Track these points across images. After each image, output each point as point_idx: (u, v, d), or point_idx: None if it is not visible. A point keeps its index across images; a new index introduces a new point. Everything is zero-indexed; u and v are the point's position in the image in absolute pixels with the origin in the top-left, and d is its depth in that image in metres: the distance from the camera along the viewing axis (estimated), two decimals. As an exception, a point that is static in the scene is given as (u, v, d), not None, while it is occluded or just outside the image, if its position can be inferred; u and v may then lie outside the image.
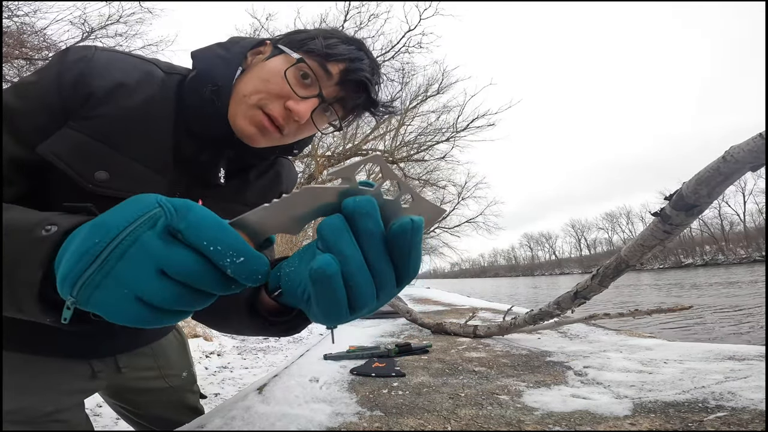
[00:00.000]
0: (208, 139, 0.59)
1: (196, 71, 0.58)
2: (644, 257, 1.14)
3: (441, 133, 14.37)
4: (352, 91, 0.59)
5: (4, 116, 0.50)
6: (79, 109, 0.52)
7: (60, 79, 0.52)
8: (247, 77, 0.58)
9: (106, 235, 0.27)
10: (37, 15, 7.04)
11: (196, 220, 0.28)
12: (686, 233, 58.88)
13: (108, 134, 0.53)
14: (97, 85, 0.53)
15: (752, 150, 0.80)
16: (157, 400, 0.90)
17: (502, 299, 11.97)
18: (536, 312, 1.53)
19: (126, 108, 0.54)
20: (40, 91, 0.52)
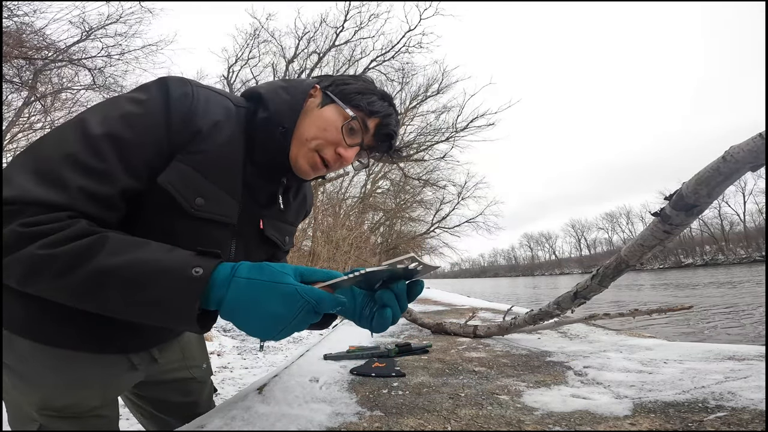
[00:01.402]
0: (269, 168, 0.72)
1: (269, 114, 0.69)
2: (644, 257, 1.14)
3: (441, 133, 14.37)
4: (381, 141, 0.76)
5: (121, 148, 0.56)
6: (187, 144, 0.61)
7: (169, 115, 0.60)
8: (306, 122, 0.71)
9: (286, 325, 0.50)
10: (36, 15, 7.03)
11: (327, 304, 0.51)
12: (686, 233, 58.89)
13: (205, 166, 0.63)
14: (202, 124, 0.62)
15: (752, 150, 0.80)
16: (180, 391, 0.96)
17: (502, 299, 11.96)
18: (536, 312, 1.53)
19: (219, 144, 0.64)
20: (149, 125, 0.59)
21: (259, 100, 0.71)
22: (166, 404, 0.95)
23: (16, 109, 7.87)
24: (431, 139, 14.58)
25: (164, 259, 0.49)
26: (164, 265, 0.49)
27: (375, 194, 18.26)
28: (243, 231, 0.72)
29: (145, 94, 0.60)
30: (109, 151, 0.55)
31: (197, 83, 0.66)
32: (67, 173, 0.52)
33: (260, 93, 0.71)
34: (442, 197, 20.01)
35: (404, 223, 21.33)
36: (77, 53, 8.03)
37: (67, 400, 0.69)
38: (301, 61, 12.50)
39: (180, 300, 0.48)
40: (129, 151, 0.56)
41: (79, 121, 0.56)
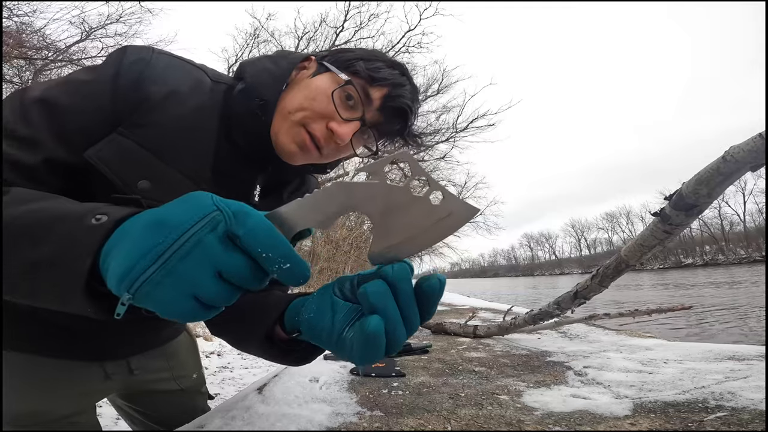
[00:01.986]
0: (248, 153, 0.59)
1: (246, 84, 0.57)
2: (644, 257, 1.14)
3: (441, 133, 14.37)
4: (392, 117, 0.59)
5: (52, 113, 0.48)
6: (131, 114, 0.51)
7: (116, 81, 0.50)
8: (292, 93, 0.58)
9: (168, 235, 0.28)
10: (36, 14, 7.04)
11: (253, 227, 0.29)
12: (686, 233, 58.89)
13: (156, 143, 0.52)
14: (153, 91, 0.52)
15: (752, 150, 0.80)
16: (168, 402, 0.90)
17: (502, 299, 11.97)
18: (536, 312, 1.53)
19: (176, 117, 0.53)
20: (93, 91, 0.50)
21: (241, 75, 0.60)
22: (157, 415, 0.91)
23: (16, 109, 7.86)
24: (431, 140, 14.58)
25: (65, 207, 0.36)
26: (61, 212, 0.34)
27: (375, 194, 18.24)
28: None
29: (102, 63, 0.53)
30: (38, 117, 0.47)
31: (165, 51, 0.57)
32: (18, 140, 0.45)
33: (242, 65, 0.61)
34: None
35: (404, 223, 21.32)
36: (77, 53, 8.04)
37: (35, 408, 0.65)
38: (301, 61, 12.49)
39: (66, 258, 0.31)
40: (61, 117, 0.48)
41: (23, 89, 0.51)
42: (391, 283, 0.33)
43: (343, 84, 0.55)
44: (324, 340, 0.38)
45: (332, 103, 0.55)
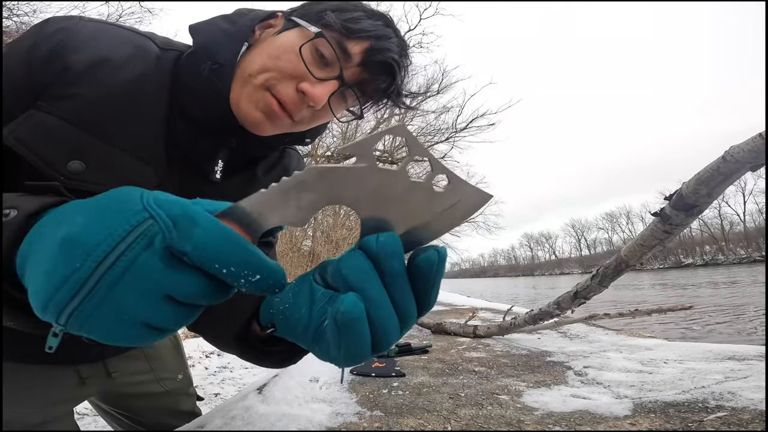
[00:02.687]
0: (206, 125, 0.50)
1: (194, 47, 0.49)
2: (644, 257, 1.14)
3: (440, 133, 14.36)
4: (376, 74, 0.50)
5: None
6: (51, 86, 0.43)
7: (32, 51, 0.44)
8: (253, 53, 0.49)
9: (86, 259, 0.22)
10: (36, 14, 7.04)
11: (203, 239, 0.23)
12: (686, 233, 58.87)
13: (86, 117, 0.44)
14: (75, 59, 0.44)
15: (752, 150, 0.80)
16: (154, 405, 0.85)
17: (502, 299, 11.97)
18: (536, 312, 1.54)
19: (110, 87, 0.45)
20: (9, 66, 0.43)
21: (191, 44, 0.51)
22: (141, 418, 0.85)
23: (16, 109, 7.88)
24: (431, 140, 14.58)
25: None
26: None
27: (375, 194, 18.25)
28: None
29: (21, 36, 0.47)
30: None
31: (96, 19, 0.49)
32: None
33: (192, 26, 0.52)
34: (442, 197, 19.96)
35: (404, 223, 21.32)
36: (77, 53, 8.05)
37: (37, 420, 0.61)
38: (301, 61, 12.49)
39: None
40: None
41: None
42: (374, 258, 0.26)
43: (313, 37, 0.46)
44: (300, 334, 0.30)
45: (301, 61, 0.46)
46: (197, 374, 3.99)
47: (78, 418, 2.59)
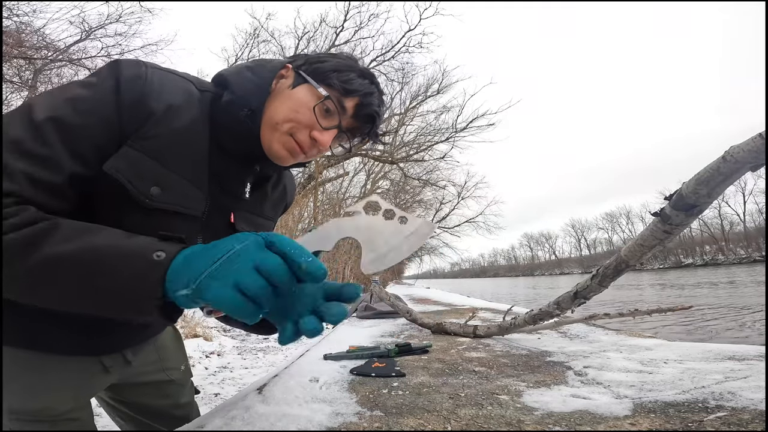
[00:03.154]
0: (237, 155, 0.67)
1: (233, 96, 0.64)
2: (644, 257, 1.14)
3: (440, 133, 14.36)
4: (363, 122, 0.69)
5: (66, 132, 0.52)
6: (139, 128, 0.57)
7: (119, 97, 0.56)
8: (276, 103, 0.66)
9: (223, 248, 0.40)
10: (35, 14, 7.03)
11: (282, 238, 0.41)
12: (686, 233, 58.79)
13: (160, 152, 0.58)
14: (155, 106, 0.58)
15: (752, 150, 0.80)
16: (158, 393, 0.93)
17: (502, 299, 11.97)
18: (536, 312, 1.53)
19: (176, 128, 0.60)
20: (98, 108, 0.55)
21: (225, 85, 0.66)
22: (144, 407, 0.91)
23: (16, 109, 7.86)
24: (431, 140, 14.57)
25: (123, 245, 0.44)
26: (123, 250, 0.43)
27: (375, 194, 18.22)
28: (211, 224, 0.67)
29: (96, 78, 0.57)
30: (53, 136, 0.51)
31: (154, 64, 0.62)
32: (12, 160, 0.48)
33: (225, 76, 0.67)
34: (442, 197, 20.01)
35: (404, 223, 21.28)
36: (77, 53, 8.03)
37: (38, 405, 0.66)
38: (301, 61, 12.47)
39: (141, 287, 0.42)
40: (74, 135, 0.52)
41: (25, 107, 0.53)
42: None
43: (323, 99, 0.64)
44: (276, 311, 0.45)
45: (314, 115, 0.64)
46: (197, 374, 3.99)
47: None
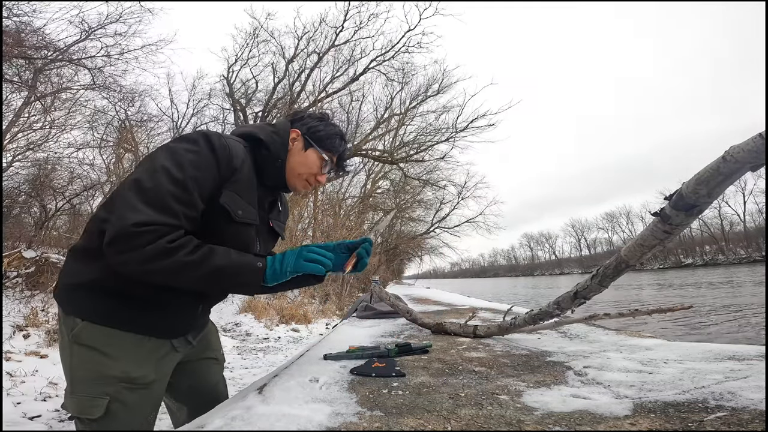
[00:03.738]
0: (271, 187, 1.09)
1: (269, 152, 1.04)
2: (644, 257, 1.14)
3: (441, 133, 14.34)
4: (340, 167, 1.17)
5: (196, 184, 0.87)
6: (230, 177, 0.93)
7: (218, 160, 0.91)
8: (297, 159, 1.08)
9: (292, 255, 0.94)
10: (35, 14, 7.02)
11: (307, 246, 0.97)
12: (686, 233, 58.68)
13: (239, 190, 0.95)
14: (236, 163, 0.94)
15: (752, 150, 0.80)
16: (209, 369, 1.20)
17: (502, 299, 11.95)
18: (536, 312, 1.53)
19: (245, 175, 0.97)
20: (208, 167, 0.89)
21: (257, 141, 1.04)
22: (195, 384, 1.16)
23: (16, 109, 7.86)
24: (431, 140, 14.55)
25: (244, 260, 0.89)
26: (246, 262, 0.89)
27: (375, 194, 18.24)
28: (261, 229, 1.07)
29: (196, 146, 0.90)
30: (193, 188, 0.86)
31: (229, 136, 0.98)
32: (174, 205, 0.83)
33: (260, 137, 1.04)
34: (442, 197, 20.00)
35: (404, 223, 21.31)
36: (77, 53, 8.02)
37: (138, 373, 0.91)
38: (301, 61, 12.47)
39: (254, 278, 0.90)
40: (201, 185, 0.88)
41: (163, 168, 0.84)
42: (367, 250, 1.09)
43: (326, 161, 1.10)
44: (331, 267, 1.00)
45: (320, 169, 1.10)
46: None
47: (78, 418, 2.59)
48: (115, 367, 0.87)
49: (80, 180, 9.33)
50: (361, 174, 17.13)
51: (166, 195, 0.82)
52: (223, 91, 12.71)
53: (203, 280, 0.84)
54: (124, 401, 0.88)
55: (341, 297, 10.26)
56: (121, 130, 10.20)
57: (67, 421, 2.51)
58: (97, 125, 9.80)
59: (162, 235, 0.79)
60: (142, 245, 0.78)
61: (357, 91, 13.74)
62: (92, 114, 9.35)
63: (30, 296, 4.77)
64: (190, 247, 0.82)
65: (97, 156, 10.22)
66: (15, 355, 3.49)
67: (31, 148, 8.41)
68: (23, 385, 2.92)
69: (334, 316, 8.39)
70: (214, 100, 12.82)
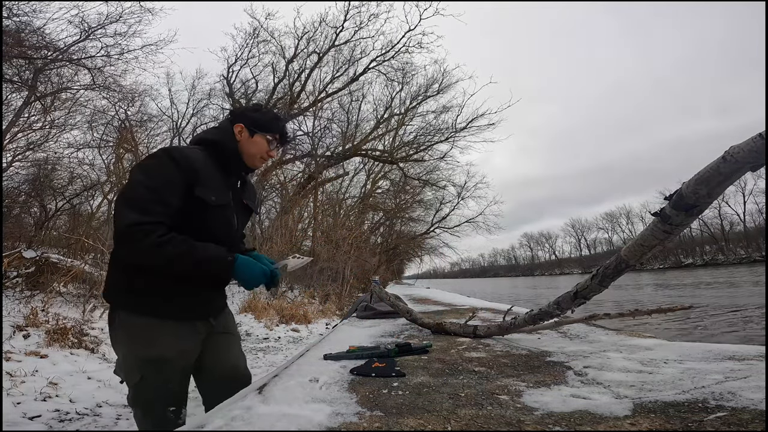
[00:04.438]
0: (234, 172, 1.34)
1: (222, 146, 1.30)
2: (644, 257, 1.14)
3: (440, 133, 14.34)
4: (284, 141, 1.42)
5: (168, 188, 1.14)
6: (194, 176, 1.17)
7: (179, 165, 1.16)
8: (247, 145, 1.32)
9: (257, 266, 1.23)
10: (35, 14, 7.02)
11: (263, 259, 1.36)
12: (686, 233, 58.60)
13: (206, 182, 1.20)
14: (197, 166, 1.19)
15: (752, 150, 0.80)
16: (232, 342, 1.44)
17: (503, 299, 11.95)
18: (536, 312, 1.53)
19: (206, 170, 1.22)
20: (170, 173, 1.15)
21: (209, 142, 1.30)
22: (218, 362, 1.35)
23: (16, 109, 7.86)
24: (431, 140, 14.56)
25: (218, 254, 1.15)
26: (219, 255, 1.15)
27: (375, 194, 18.24)
28: (235, 207, 1.33)
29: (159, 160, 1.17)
30: (164, 191, 1.12)
31: (183, 147, 1.29)
32: (151, 206, 1.09)
33: (210, 139, 1.31)
34: (442, 197, 19.99)
35: (404, 223, 21.29)
36: (77, 53, 8.02)
37: (172, 353, 1.18)
38: (301, 61, 12.48)
39: (225, 269, 1.16)
40: (171, 188, 1.14)
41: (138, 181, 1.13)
42: None
43: (272, 141, 1.35)
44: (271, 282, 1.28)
45: (269, 147, 1.35)
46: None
47: (77, 418, 2.59)
48: (153, 350, 1.16)
49: (80, 180, 9.33)
50: (361, 174, 17.14)
51: (144, 200, 1.09)
52: (223, 91, 12.71)
53: (189, 267, 1.12)
54: (153, 373, 1.16)
55: (341, 297, 10.27)
56: (121, 130, 10.20)
57: (67, 421, 2.51)
58: (97, 125, 9.79)
59: (149, 231, 1.06)
60: (139, 239, 1.06)
61: (357, 91, 13.75)
62: (92, 114, 9.35)
63: (30, 296, 4.77)
64: (175, 242, 1.09)
65: (97, 156, 10.22)
66: (15, 355, 3.49)
67: (31, 148, 8.41)
68: (23, 385, 2.91)
69: (334, 316, 8.40)
70: (214, 100, 12.82)
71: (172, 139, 11.59)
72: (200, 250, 1.12)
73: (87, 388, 3.12)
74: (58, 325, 4.07)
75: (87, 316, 4.73)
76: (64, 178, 9.11)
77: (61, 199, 8.78)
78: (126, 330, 1.17)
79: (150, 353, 1.15)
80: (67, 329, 4.04)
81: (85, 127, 9.49)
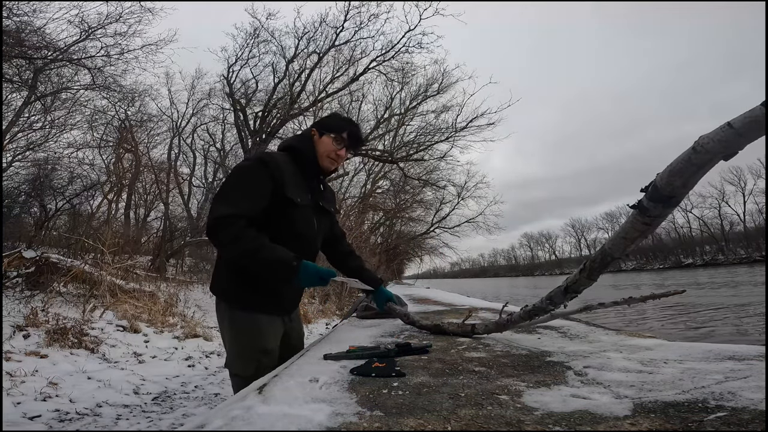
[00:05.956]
0: (313, 175, 1.53)
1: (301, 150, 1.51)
2: (628, 249, 1.13)
3: (440, 132, 14.34)
4: (355, 145, 1.57)
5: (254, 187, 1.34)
6: (282, 177, 1.37)
7: (268, 168, 1.35)
8: (318, 146, 1.51)
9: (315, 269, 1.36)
10: (36, 14, 7.02)
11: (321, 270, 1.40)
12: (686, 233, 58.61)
13: (293, 184, 1.40)
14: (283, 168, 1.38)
15: (721, 140, 0.79)
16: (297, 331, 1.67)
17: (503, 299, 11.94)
18: (530, 308, 1.53)
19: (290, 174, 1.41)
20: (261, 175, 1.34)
21: (292, 148, 1.51)
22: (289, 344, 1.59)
23: (16, 109, 7.86)
24: (431, 139, 14.56)
25: (284, 257, 1.29)
26: (286, 258, 1.29)
27: (375, 194, 18.24)
28: (314, 208, 1.52)
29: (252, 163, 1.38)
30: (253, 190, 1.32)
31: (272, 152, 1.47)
32: (240, 203, 1.28)
33: (292, 145, 1.52)
34: (442, 197, 20.00)
35: (404, 223, 21.29)
36: (77, 53, 8.01)
37: (272, 345, 1.44)
38: (301, 61, 12.46)
39: (290, 272, 1.30)
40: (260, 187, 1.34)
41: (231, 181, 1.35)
42: None
43: (337, 139, 1.52)
44: None
45: (335, 145, 1.51)
46: (197, 374, 3.99)
47: (77, 418, 2.58)
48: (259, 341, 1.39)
49: (80, 180, 9.33)
50: (361, 174, 17.14)
51: (234, 197, 1.29)
52: (223, 91, 12.70)
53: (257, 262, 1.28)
54: (264, 363, 1.35)
55: (341, 297, 10.27)
56: (121, 130, 10.20)
57: (67, 421, 2.51)
58: (97, 125, 9.80)
59: (232, 222, 1.24)
60: (223, 229, 1.24)
61: (357, 91, 13.74)
62: (92, 114, 9.36)
63: (30, 296, 4.77)
64: (248, 238, 1.25)
65: (97, 156, 10.22)
66: (15, 355, 3.49)
67: (31, 148, 8.42)
68: (23, 385, 2.91)
69: (334, 316, 8.39)
70: (214, 100, 12.82)
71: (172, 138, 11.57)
72: (267, 251, 1.26)
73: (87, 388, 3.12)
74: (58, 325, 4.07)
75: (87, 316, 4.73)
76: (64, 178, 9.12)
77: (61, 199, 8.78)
78: (231, 323, 1.39)
79: (262, 344, 1.39)
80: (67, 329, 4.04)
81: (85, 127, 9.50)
